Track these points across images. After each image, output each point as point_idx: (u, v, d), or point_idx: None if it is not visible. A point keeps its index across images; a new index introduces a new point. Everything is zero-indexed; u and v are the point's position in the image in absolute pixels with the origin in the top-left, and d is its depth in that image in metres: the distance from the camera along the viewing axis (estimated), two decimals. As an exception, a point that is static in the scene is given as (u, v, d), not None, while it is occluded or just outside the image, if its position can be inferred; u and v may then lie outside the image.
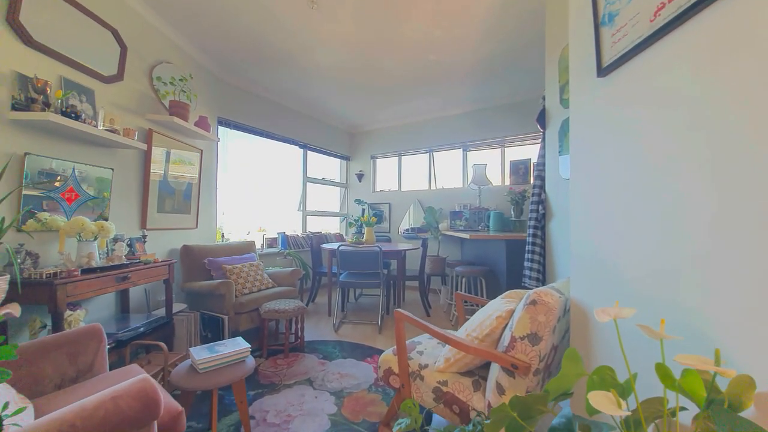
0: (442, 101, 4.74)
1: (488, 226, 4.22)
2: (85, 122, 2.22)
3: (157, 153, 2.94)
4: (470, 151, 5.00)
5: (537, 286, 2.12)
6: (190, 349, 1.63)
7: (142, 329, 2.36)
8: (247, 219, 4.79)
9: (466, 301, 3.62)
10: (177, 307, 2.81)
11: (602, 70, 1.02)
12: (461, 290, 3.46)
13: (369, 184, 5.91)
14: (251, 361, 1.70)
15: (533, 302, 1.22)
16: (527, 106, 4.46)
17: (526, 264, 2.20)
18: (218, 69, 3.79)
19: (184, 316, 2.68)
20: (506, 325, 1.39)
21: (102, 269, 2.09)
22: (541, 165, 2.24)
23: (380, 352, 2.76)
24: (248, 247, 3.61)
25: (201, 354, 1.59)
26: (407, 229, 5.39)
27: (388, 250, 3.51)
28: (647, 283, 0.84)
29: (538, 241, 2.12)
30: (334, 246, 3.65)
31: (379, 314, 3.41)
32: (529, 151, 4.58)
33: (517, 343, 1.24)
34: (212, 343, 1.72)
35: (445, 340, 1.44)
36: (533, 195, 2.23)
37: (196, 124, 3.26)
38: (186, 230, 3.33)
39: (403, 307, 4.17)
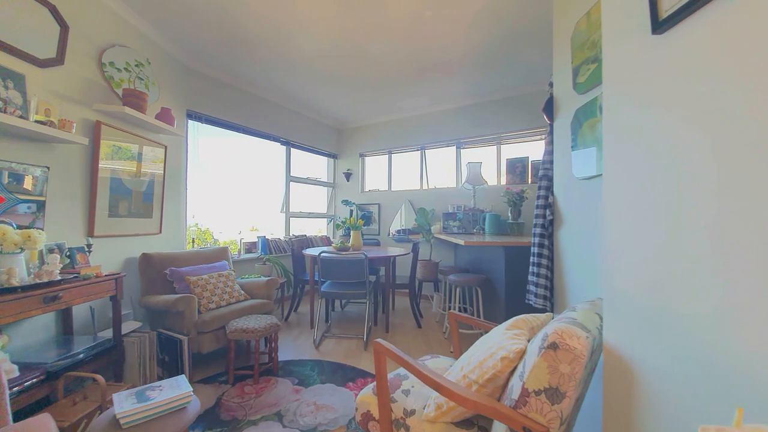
0: (434, 95, 4.43)
1: (483, 229, 3.93)
2: (7, 112, 1.86)
3: (109, 149, 2.57)
4: (464, 148, 4.69)
5: (545, 307, 1.82)
6: (114, 396, 1.28)
7: (81, 356, 2.01)
8: (223, 222, 4.44)
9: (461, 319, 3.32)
10: (131, 326, 2.45)
11: (660, 24, 0.71)
12: (455, 301, 3.16)
13: (357, 184, 5.58)
14: (194, 407, 1.36)
15: (553, 346, 0.91)
16: (525, 100, 4.17)
17: (531, 278, 1.90)
18: (186, 56, 3.42)
19: (137, 338, 2.32)
20: (514, 368, 1.08)
21: (24, 288, 1.73)
22: (547, 163, 1.93)
23: (364, 375, 2.44)
24: (220, 254, 3.25)
25: (126, 403, 1.24)
26: (398, 231, 5.08)
27: (376, 256, 3.19)
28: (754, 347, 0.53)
29: (545, 252, 1.81)
30: (314, 252, 3.32)
31: (366, 326, 3.09)
32: (527, 149, 4.30)
33: (531, 398, 0.93)
34: (144, 387, 1.37)
35: (436, 387, 1.12)
36: (538, 198, 1.92)
37: (158, 116, 2.89)
38: (147, 236, 2.96)
39: (392, 316, 3.87)
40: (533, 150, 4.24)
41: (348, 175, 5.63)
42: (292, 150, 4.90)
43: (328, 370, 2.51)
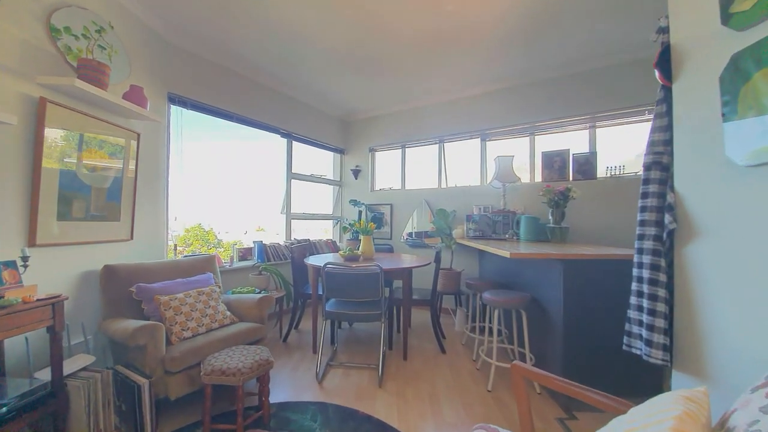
0: (457, 77, 3.83)
1: (518, 234, 3.32)
2: None
3: (59, 135, 2.02)
4: (491, 140, 4.09)
5: (664, 360, 1.22)
6: None
7: (4, 409, 1.48)
8: (225, 222, 3.91)
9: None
10: (81, 362, 1.90)
11: None
12: (482, 320, 2.56)
13: (367, 182, 5.00)
14: None
15: None
16: (564, 83, 3.55)
17: (635, 315, 1.30)
18: (166, 28, 2.88)
19: (86, 379, 1.77)
20: None
21: None
22: (659, 144, 1.31)
23: (380, 426, 1.86)
24: (204, 264, 2.70)
25: None
26: (410, 234, 4.49)
27: (392, 267, 2.61)
28: None
29: (662, 277, 1.21)
30: (318, 262, 2.75)
31: (381, 352, 2.51)
32: (566, 140, 3.68)
33: None
34: None
35: None
36: (646, 196, 1.30)
37: (127, 96, 2.35)
38: (114, 244, 2.42)
39: (411, 335, 3.28)
40: (574, 141, 3.62)
41: (356, 172, 5.06)
42: (294, 143, 4.34)
43: (334, 419, 1.94)
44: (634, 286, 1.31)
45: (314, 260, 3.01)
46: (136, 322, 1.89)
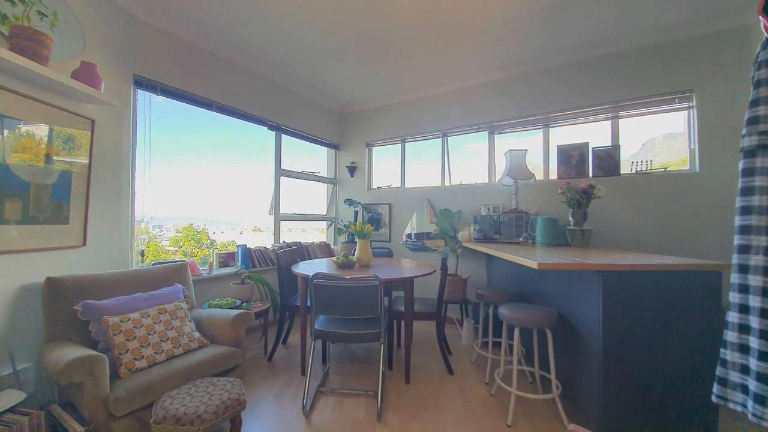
0: (463, 64, 3.47)
1: (533, 237, 2.96)
2: None
3: (-20, 117, 1.64)
4: (499, 134, 3.72)
5: None
6: None
7: None
8: (200, 223, 3.54)
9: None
10: (6, 400, 1.52)
11: None
12: (499, 336, 2.20)
13: (363, 180, 4.63)
14: None
15: None
16: (584, 67, 3.20)
17: (734, 356, 0.94)
18: (132, 0, 2.49)
19: (8, 425, 1.39)
20: None
21: None
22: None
23: (381, 482, 1.49)
24: (173, 274, 2.32)
25: None
26: (408, 235, 4.14)
27: (392, 278, 2.24)
28: None
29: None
30: (307, 271, 2.38)
31: (380, 375, 2.14)
32: (584, 132, 3.33)
33: None
34: None
35: None
36: (750, 192, 0.93)
37: (76, 74, 1.96)
38: (61, 251, 2.04)
39: (413, 351, 2.91)
40: (593, 134, 3.27)
41: (352, 169, 4.68)
42: (284, 137, 3.96)
43: (322, 469, 1.57)
44: (733, 317, 0.95)
45: (303, 268, 2.63)
46: (74, 351, 1.51)
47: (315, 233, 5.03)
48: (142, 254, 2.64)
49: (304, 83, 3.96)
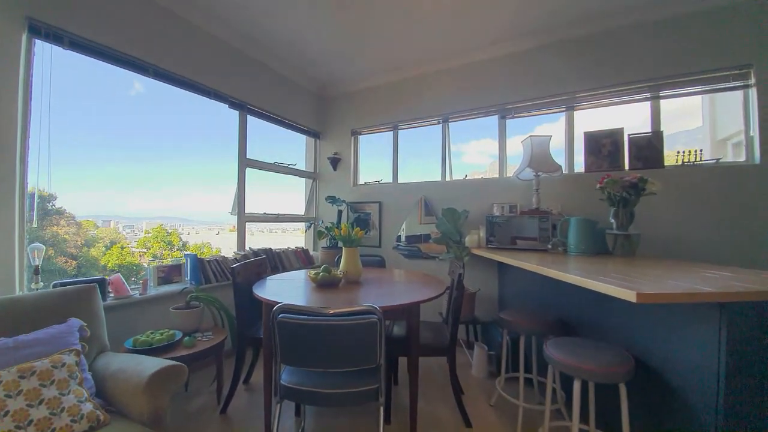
0: (471, 33, 2.86)
1: (564, 244, 2.37)
2: None
3: None
4: (513, 118, 3.13)
5: None
6: None
7: None
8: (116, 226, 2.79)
9: None
10: None
11: None
12: (530, 370, 1.58)
13: (349, 174, 3.95)
14: None
15: None
16: (617, 37, 2.65)
17: None
18: None
19: None
20: None
21: None
22: None
23: None
24: (71, 302, 1.56)
25: None
26: (399, 239, 3.50)
27: (394, 306, 1.58)
28: None
29: None
30: (271, 296, 1.67)
31: (373, 441, 1.47)
32: (616, 116, 2.78)
33: None
34: None
35: None
36: None
37: None
38: None
39: (420, 389, 2.26)
40: (628, 117, 2.73)
41: (335, 162, 3.99)
42: (251, 120, 3.22)
43: None
44: None
45: (270, 288, 1.92)
46: None
47: (295, 236, 4.33)
48: (37, 271, 1.85)
49: (277, 52, 3.24)
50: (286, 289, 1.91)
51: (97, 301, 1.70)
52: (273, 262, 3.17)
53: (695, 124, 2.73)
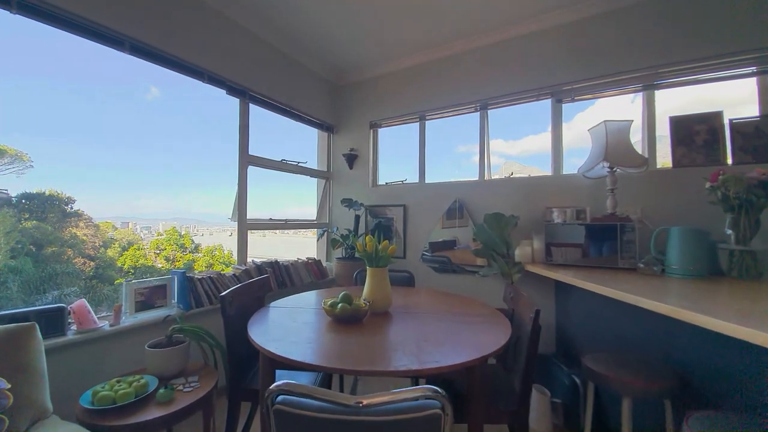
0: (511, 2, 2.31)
1: (661, 261, 1.79)
2: None
3: None
4: (570, 101, 2.55)
5: None
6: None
7: None
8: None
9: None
10: None
11: None
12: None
13: (367, 173, 3.43)
14: None
15: None
16: (718, -6, 2.06)
17: None
18: None
19: None
20: None
21: None
22: None
23: None
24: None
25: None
26: (426, 248, 2.98)
27: (452, 366, 1.04)
28: None
29: None
30: (270, 343, 1.16)
31: None
32: (712, 94, 2.19)
33: None
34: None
35: None
36: None
37: None
38: None
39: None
40: (727, 95, 2.14)
41: (351, 159, 3.48)
42: (252, 108, 2.74)
43: None
44: None
45: (272, 321, 1.42)
46: None
47: (307, 239, 3.87)
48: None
49: (284, 29, 2.75)
50: (291, 326, 1.40)
51: (34, 346, 1.23)
52: (280, 277, 2.68)
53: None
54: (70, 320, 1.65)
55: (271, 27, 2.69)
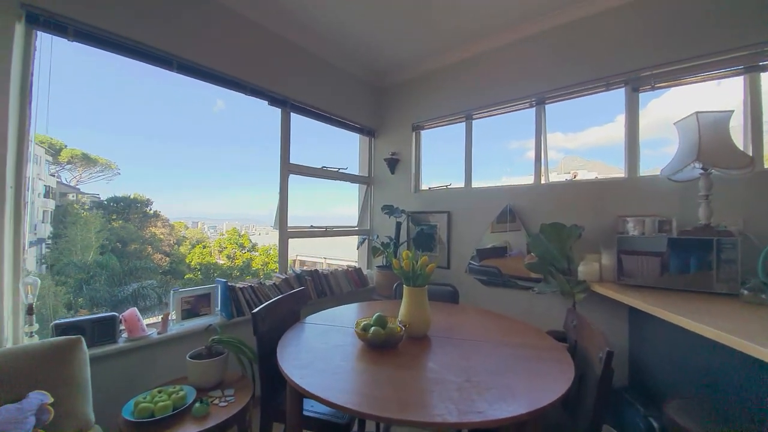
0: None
1: (766, 287, 1.40)
2: None
3: None
4: (652, 89, 2.15)
5: None
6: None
7: None
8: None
9: None
10: None
11: None
12: None
13: (409, 178, 3.29)
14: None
15: None
16: None
17: None
18: None
19: None
20: None
21: None
22: None
23: None
24: (48, 362, 1.14)
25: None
26: (475, 255, 2.73)
27: (503, 420, 0.86)
28: None
29: None
30: (294, 373, 1.07)
31: None
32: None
33: None
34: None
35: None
36: None
37: None
38: None
39: None
40: None
41: (393, 163, 3.36)
42: (293, 117, 2.74)
43: None
44: None
45: (303, 344, 1.35)
46: None
47: (351, 241, 3.82)
48: (30, 310, 1.51)
49: (324, 36, 2.72)
50: (320, 349, 1.31)
51: (79, 359, 1.28)
52: (320, 285, 2.64)
53: None
54: (121, 328, 1.74)
55: (311, 35, 2.66)
